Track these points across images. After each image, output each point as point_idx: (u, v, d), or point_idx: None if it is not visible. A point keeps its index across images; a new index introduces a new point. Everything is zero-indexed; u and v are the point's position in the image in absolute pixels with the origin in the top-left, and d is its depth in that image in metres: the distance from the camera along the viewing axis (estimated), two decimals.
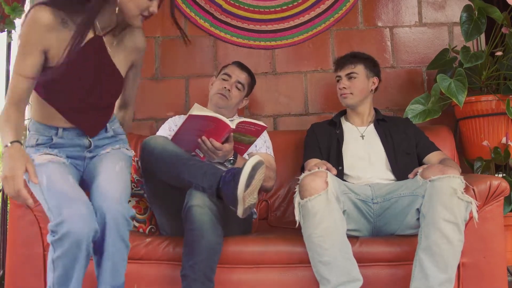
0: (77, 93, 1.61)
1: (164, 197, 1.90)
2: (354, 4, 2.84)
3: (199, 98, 2.75)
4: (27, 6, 2.60)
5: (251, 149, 2.17)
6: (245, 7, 2.85)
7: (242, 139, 2.00)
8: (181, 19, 2.86)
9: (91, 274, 1.75)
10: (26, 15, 1.51)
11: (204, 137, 1.90)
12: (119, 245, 1.54)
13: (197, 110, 1.84)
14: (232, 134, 1.94)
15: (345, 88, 2.20)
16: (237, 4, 2.84)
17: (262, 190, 2.15)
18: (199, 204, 1.69)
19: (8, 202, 2.50)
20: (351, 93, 2.20)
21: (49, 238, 1.45)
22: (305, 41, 2.84)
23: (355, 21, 2.85)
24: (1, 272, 2.44)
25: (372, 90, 2.24)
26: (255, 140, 2.05)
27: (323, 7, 2.84)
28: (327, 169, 1.83)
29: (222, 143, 1.92)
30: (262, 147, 2.23)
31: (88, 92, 1.63)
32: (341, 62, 2.25)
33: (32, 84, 1.55)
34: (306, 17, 2.84)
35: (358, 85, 2.19)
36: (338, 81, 2.25)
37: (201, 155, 1.99)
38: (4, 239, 2.51)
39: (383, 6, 2.86)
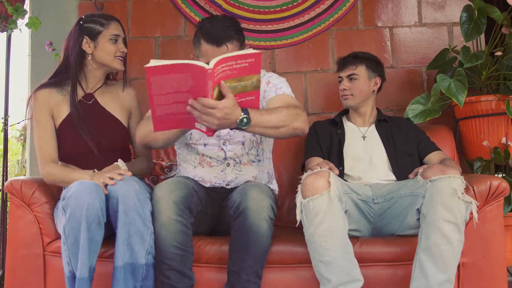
0: (83, 140, 1.91)
1: None
2: (354, 4, 2.84)
3: None
4: (26, 6, 2.61)
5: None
6: (245, 7, 2.85)
7: (244, 86, 1.51)
8: (181, 19, 2.87)
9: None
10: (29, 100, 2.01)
11: (191, 100, 1.45)
12: (132, 217, 1.64)
13: (154, 62, 1.37)
14: (224, 84, 1.47)
15: (345, 89, 2.20)
16: (237, 4, 2.84)
17: (297, 132, 1.74)
18: (255, 207, 1.67)
19: (8, 202, 2.49)
20: (351, 95, 2.19)
21: (62, 207, 1.67)
22: (305, 41, 2.84)
23: (355, 21, 2.85)
24: (1, 272, 2.44)
25: (374, 91, 2.23)
26: (259, 79, 1.52)
27: (323, 7, 2.84)
28: (329, 168, 1.83)
29: (219, 99, 1.48)
30: (270, 91, 1.89)
31: (94, 139, 1.93)
32: (342, 63, 2.24)
33: (54, 140, 1.95)
34: (306, 17, 2.84)
35: (359, 86, 2.19)
36: (340, 82, 2.24)
37: (204, 129, 1.56)
38: (4, 239, 2.51)
39: (383, 6, 2.86)
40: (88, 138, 1.92)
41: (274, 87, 1.90)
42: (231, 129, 1.61)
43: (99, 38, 1.96)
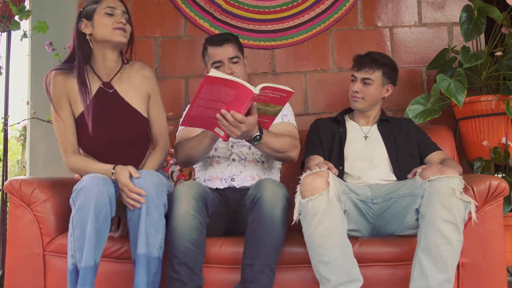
0: (103, 133, 1.87)
1: None
2: (353, 4, 2.84)
3: None
4: (27, 6, 2.61)
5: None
6: (245, 7, 2.85)
7: (266, 110, 1.77)
8: (181, 19, 2.87)
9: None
10: (46, 79, 1.91)
11: (223, 111, 1.68)
12: (150, 209, 1.66)
13: (214, 73, 1.60)
14: (255, 104, 1.72)
15: (357, 92, 2.16)
16: (237, 4, 2.84)
17: (288, 160, 2.03)
18: (271, 197, 1.71)
19: (8, 202, 2.50)
20: (362, 98, 2.16)
21: (71, 198, 1.67)
22: (305, 41, 2.84)
23: (354, 21, 2.85)
24: (1, 272, 2.44)
25: (384, 97, 2.22)
26: (280, 110, 1.80)
27: (322, 7, 2.84)
28: (328, 168, 1.83)
29: (245, 115, 1.71)
30: (277, 117, 2.03)
31: (112, 131, 1.88)
32: (360, 63, 2.17)
33: (74, 130, 1.89)
34: (306, 17, 2.84)
35: (371, 91, 2.15)
36: (352, 80, 2.20)
37: (221, 134, 1.77)
38: (4, 239, 2.52)
39: (383, 6, 2.86)
40: (104, 137, 1.87)
41: (281, 114, 2.10)
42: (244, 139, 1.83)
43: (94, 15, 1.88)
